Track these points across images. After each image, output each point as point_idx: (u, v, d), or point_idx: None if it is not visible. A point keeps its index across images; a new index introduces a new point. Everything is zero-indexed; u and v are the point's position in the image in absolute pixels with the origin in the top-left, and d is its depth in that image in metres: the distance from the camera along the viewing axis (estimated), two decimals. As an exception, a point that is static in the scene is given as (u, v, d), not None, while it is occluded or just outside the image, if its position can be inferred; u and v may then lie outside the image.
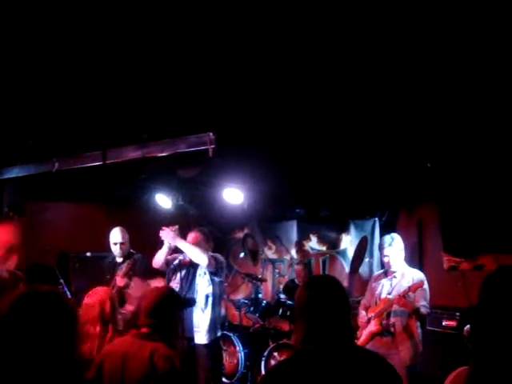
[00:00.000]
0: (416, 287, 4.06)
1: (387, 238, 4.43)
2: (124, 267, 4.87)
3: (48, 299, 1.80)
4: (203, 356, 4.56)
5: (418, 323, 4.21)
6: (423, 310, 4.12)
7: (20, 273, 3.42)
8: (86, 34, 2.64)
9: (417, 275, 4.28)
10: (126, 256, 5.14)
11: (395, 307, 4.15)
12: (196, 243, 4.69)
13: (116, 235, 5.14)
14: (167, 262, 4.76)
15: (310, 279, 2.31)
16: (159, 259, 4.76)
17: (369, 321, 4.29)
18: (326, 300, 2.00)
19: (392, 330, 4.17)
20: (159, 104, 3.71)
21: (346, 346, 1.97)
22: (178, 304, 2.97)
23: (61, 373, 1.71)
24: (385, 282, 4.41)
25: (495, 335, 1.63)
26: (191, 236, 4.81)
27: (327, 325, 1.95)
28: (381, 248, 4.45)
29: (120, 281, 4.77)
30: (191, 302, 4.45)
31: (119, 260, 5.17)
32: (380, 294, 4.37)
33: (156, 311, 2.76)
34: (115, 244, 5.13)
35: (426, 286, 4.19)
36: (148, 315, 2.75)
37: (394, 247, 4.32)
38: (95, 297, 3.18)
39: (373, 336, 3.77)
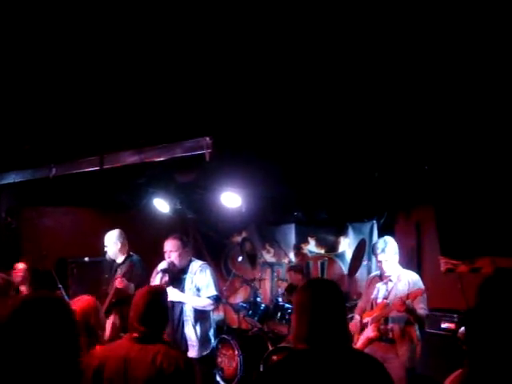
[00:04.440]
0: (415, 295, 3.96)
1: (380, 242, 4.34)
2: (124, 268, 4.94)
3: (51, 305, 1.81)
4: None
5: (417, 326, 4.18)
6: (422, 312, 4.09)
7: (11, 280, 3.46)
8: (82, 39, 2.65)
9: (412, 278, 4.23)
10: (126, 257, 5.21)
11: (393, 313, 4.08)
12: (176, 251, 4.60)
13: (105, 239, 5.24)
14: None
15: (308, 282, 2.36)
16: None
17: (364, 326, 4.25)
18: (322, 302, 2.05)
19: (390, 335, 4.12)
20: (156, 109, 3.71)
21: (340, 347, 2.01)
22: (168, 304, 2.94)
23: (63, 377, 1.72)
24: (380, 285, 4.34)
25: (491, 338, 1.63)
26: (169, 244, 4.63)
27: (322, 325, 2.00)
28: (374, 253, 4.40)
29: (119, 282, 4.81)
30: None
31: (119, 261, 5.24)
32: (376, 298, 4.31)
33: (148, 317, 2.71)
34: (105, 247, 5.25)
35: (423, 292, 4.11)
36: (140, 322, 2.70)
37: (387, 253, 4.24)
38: (77, 305, 3.00)
39: (370, 341, 3.75)
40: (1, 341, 1.67)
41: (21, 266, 5.40)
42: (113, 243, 5.22)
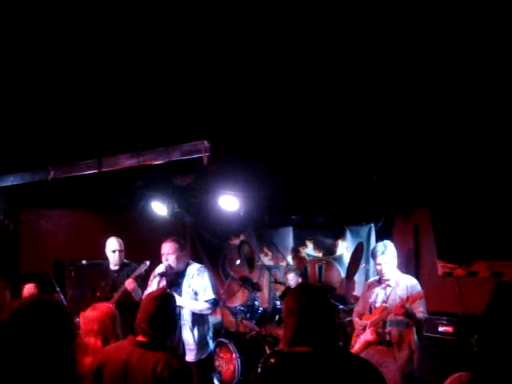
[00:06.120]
0: (414, 299, 4.01)
1: (380, 245, 4.38)
2: (136, 272, 4.94)
3: (47, 308, 1.81)
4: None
5: (414, 330, 4.19)
6: (421, 316, 4.10)
7: (6, 282, 3.46)
8: (81, 43, 2.66)
9: (410, 282, 4.25)
10: (122, 264, 5.24)
11: (391, 316, 4.09)
12: (173, 253, 4.58)
13: (114, 243, 5.25)
14: None
15: (296, 287, 2.46)
16: None
17: (364, 328, 4.26)
18: (307, 306, 2.14)
19: (388, 338, 4.13)
20: (154, 112, 3.72)
21: (330, 348, 2.06)
22: (177, 311, 2.98)
23: (59, 380, 1.72)
24: (379, 290, 4.35)
25: (505, 342, 1.64)
26: (167, 246, 4.61)
27: (307, 329, 2.08)
28: (373, 256, 4.40)
29: (130, 283, 4.82)
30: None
31: (115, 268, 5.26)
32: (374, 302, 4.32)
33: (157, 321, 2.73)
34: (113, 252, 5.22)
35: (422, 295, 4.13)
36: (149, 325, 2.71)
37: (387, 255, 4.27)
38: (96, 312, 3.17)
39: (368, 345, 3.76)
40: None
41: (30, 285, 5.19)
42: (123, 248, 5.26)
